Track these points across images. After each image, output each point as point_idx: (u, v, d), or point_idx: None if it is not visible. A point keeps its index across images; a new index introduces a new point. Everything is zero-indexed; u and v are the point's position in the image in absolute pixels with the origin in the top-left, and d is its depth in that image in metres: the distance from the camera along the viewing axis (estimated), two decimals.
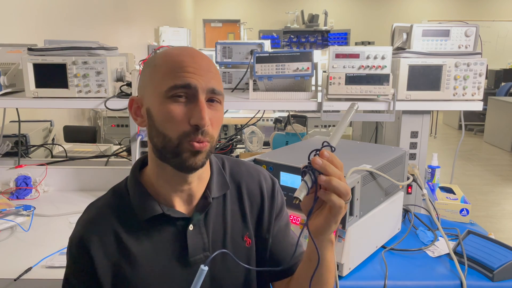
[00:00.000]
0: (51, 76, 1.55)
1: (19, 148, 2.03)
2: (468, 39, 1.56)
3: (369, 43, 8.77)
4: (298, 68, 1.56)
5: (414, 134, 1.65)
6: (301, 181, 0.69)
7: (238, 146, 2.40)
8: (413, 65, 1.53)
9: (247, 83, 1.80)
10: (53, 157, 2.31)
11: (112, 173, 1.84)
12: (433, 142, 6.39)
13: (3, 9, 2.60)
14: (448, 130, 7.99)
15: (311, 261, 0.79)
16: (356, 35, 9.75)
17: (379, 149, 1.41)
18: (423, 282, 1.14)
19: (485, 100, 5.73)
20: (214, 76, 0.76)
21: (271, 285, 0.94)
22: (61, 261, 1.20)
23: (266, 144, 2.31)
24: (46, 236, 1.40)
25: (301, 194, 0.67)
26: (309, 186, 0.68)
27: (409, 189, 1.62)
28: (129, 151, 2.24)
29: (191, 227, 0.80)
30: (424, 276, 1.16)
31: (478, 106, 1.57)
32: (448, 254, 1.25)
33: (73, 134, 2.96)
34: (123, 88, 1.67)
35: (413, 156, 1.66)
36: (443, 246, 1.29)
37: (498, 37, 10.21)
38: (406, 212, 1.50)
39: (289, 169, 1.21)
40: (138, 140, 1.71)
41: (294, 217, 1.20)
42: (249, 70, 1.64)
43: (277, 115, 3.13)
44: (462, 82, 1.55)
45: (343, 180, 0.68)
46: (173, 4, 7.99)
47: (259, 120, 2.27)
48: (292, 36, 9.94)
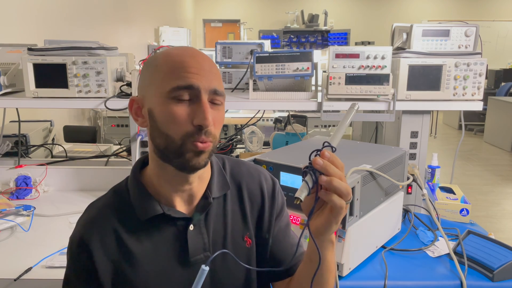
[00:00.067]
0: (51, 76, 1.55)
1: (19, 148, 2.03)
2: (468, 39, 1.56)
3: (369, 43, 8.76)
4: (298, 68, 1.56)
5: (414, 134, 1.65)
6: (302, 182, 0.69)
7: (238, 146, 2.40)
8: (413, 65, 1.53)
9: (247, 83, 1.80)
10: (53, 157, 2.31)
11: (112, 173, 1.84)
12: (433, 142, 6.39)
13: (3, 9, 2.60)
14: (448, 130, 8.00)
15: (311, 261, 0.79)
16: (356, 35, 9.75)
17: (379, 149, 1.41)
18: (423, 282, 1.14)
19: (485, 100, 5.73)
20: (216, 77, 0.76)
21: (271, 285, 0.94)
22: (61, 261, 1.20)
23: (266, 144, 2.31)
24: (46, 236, 1.40)
25: (302, 195, 0.67)
26: (310, 186, 0.68)
27: (409, 189, 1.62)
28: (129, 151, 2.24)
29: (191, 227, 0.80)
30: (424, 276, 1.16)
31: (478, 106, 1.57)
32: (448, 254, 1.25)
33: (73, 134, 2.96)
34: (123, 88, 1.67)
35: (413, 156, 1.66)
36: (443, 246, 1.29)
37: (498, 37, 10.21)
38: (406, 212, 1.50)
39: (289, 169, 1.21)
40: (138, 140, 1.71)
41: (294, 217, 1.20)
42: (249, 70, 1.64)
43: (277, 115, 3.13)
44: (462, 82, 1.55)
45: (344, 181, 0.68)
46: (173, 4, 7.98)
47: (259, 120, 2.26)
48: (292, 36, 9.94)
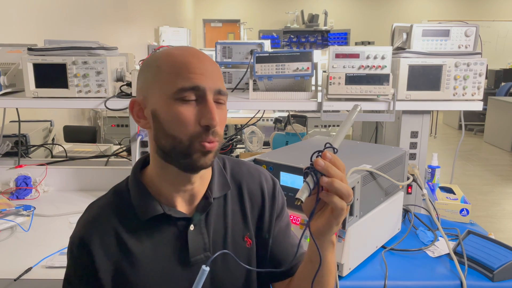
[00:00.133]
0: (51, 76, 1.55)
1: (19, 148, 2.03)
2: (468, 39, 1.56)
3: (369, 43, 8.76)
4: (298, 68, 1.56)
5: (414, 134, 1.65)
6: (303, 182, 0.69)
7: (238, 146, 2.40)
8: (413, 65, 1.53)
9: (247, 83, 1.80)
10: (53, 157, 2.31)
11: (112, 173, 1.84)
12: (433, 142, 6.39)
13: (3, 9, 2.60)
14: (448, 130, 8.00)
15: (312, 262, 0.79)
16: (356, 35, 9.75)
17: (379, 149, 1.41)
18: (423, 282, 1.14)
19: (485, 100, 5.73)
20: (219, 76, 0.76)
21: (271, 285, 0.94)
22: (61, 261, 1.20)
23: (266, 144, 2.32)
24: (46, 236, 1.40)
25: (302, 196, 0.67)
26: (311, 187, 0.68)
27: (409, 189, 1.62)
28: (129, 151, 2.24)
29: (192, 227, 0.80)
30: (424, 276, 1.16)
31: (478, 106, 1.57)
32: (448, 254, 1.25)
33: (73, 134, 2.96)
34: (123, 88, 1.67)
35: (413, 156, 1.66)
36: (443, 246, 1.29)
37: (498, 37, 10.21)
38: (406, 212, 1.50)
39: (289, 169, 1.21)
40: (138, 140, 1.71)
41: (294, 217, 1.20)
42: (249, 70, 1.64)
43: (277, 115, 3.12)
44: (462, 82, 1.55)
45: (345, 182, 0.68)
46: (173, 4, 7.98)
47: (259, 120, 2.26)
48: (292, 36, 9.94)
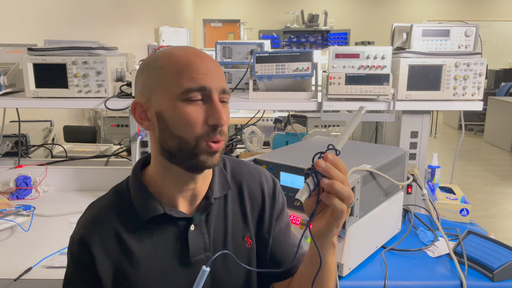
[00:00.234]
0: (51, 76, 1.55)
1: (19, 148, 2.03)
2: (468, 39, 1.56)
3: (369, 43, 8.77)
4: (298, 68, 1.56)
5: (414, 134, 1.65)
6: (304, 183, 0.68)
7: (238, 146, 2.40)
8: (413, 65, 1.53)
9: (247, 83, 1.80)
10: (53, 157, 2.31)
11: (112, 173, 1.84)
12: (433, 142, 6.39)
13: (3, 9, 2.60)
14: (448, 130, 8.00)
15: (312, 263, 0.79)
16: (356, 35, 9.75)
17: (379, 149, 1.41)
18: (423, 282, 1.14)
19: (485, 100, 5.73)
20: (222, 76, 0.77)
21: (271, 285, 0.94)
22: (61, 261, 1.20)
23: (266, 144, 2.31)
24: (46, 236, 1.40)
25: (302, 196, 0.67)
26: (311, 188, 0.68)
27: (409, 189, 1.62)
28: (129, 151, 2.24)
29: (192, 227, 0.80)
30: (424, 276, 1.16)
31: (478, 106, 1.57)
32: (448, 254, 1.25)
33: (73, 134, 2.96)
34: (123, 88, 1.67)
35: (413, 156, 1.66)
36: (443, 246, 1.29)
37: (498, 37, 10.21)
38: (406, 212, 1.50)
39: (289, 169, 1.21)
40: (138, 140, 1.71)
41: (294, 217, 1.20)
42: (249, 70, 1.64)
43: (277, 115, 3.12)
44: (462, 82, 1.55)
45: (346, 184, 0.68)
46: (173, 4, 7.98)
47: (259, 120, 2.26)
48: (292, 36, 9.94)
